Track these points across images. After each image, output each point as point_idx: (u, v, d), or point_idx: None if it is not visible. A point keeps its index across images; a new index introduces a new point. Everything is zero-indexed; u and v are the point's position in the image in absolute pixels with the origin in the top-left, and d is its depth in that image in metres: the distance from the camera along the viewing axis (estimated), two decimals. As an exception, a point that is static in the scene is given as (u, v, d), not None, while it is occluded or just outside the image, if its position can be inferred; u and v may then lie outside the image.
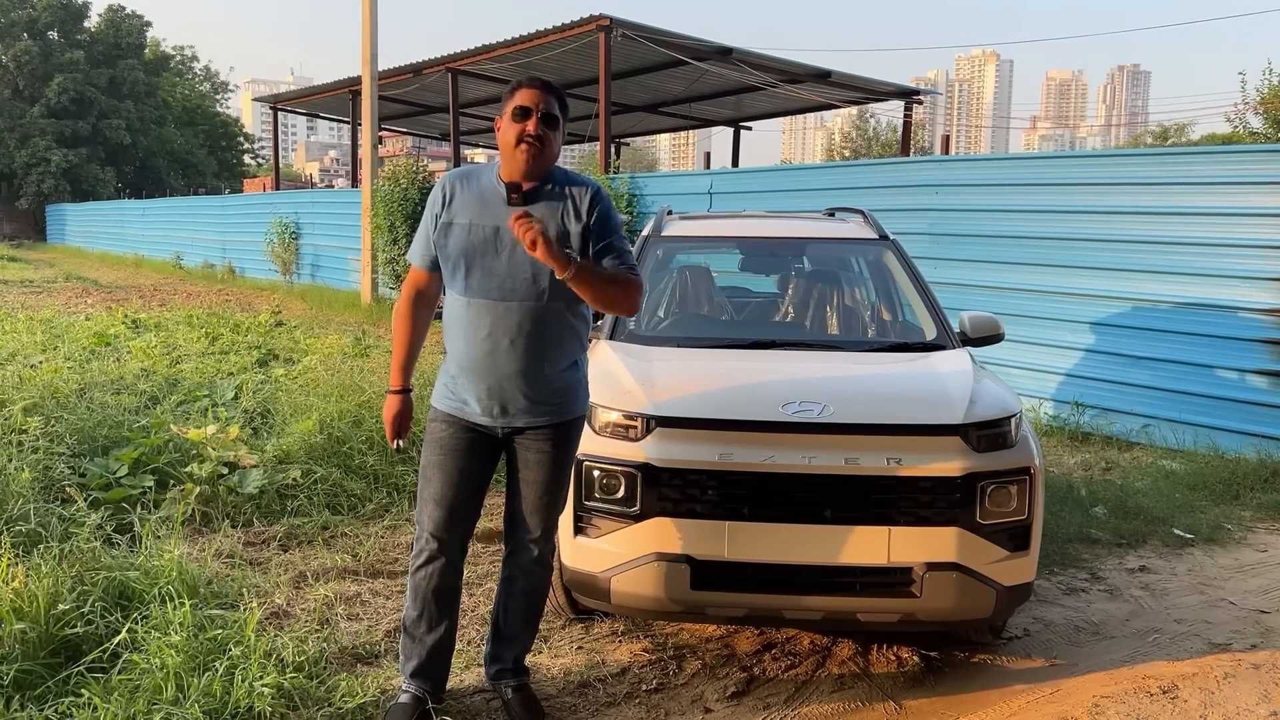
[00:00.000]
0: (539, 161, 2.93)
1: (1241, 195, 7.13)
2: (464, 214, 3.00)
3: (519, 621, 3.31)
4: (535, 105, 2.90)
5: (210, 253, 25.63)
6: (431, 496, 3.09)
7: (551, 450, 3.10)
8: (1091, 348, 8.02)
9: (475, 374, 3.00)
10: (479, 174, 3.08)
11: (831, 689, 3.63)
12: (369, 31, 16.38)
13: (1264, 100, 20.14)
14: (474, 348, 2.99)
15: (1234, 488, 6.28)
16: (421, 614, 3.18)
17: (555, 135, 2.95)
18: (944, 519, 3.38)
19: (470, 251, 2.97)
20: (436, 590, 3.15)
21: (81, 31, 47.81)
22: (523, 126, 2.90)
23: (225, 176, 54.18)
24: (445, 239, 3.01)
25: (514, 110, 2.91)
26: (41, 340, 9.97)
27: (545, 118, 2.91)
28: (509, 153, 2.94)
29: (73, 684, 3.23)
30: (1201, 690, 3.62)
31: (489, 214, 2.97)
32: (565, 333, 3.06)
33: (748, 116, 24.91)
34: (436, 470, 3.08)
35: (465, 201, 3.01)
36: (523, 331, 2.96)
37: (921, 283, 4.86)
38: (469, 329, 2.99)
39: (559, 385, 3.07)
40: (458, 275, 3.01)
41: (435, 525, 3.09)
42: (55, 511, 4.51)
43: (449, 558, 3.14)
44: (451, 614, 3.24)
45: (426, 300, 3.18)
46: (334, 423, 6.00)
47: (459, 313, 3.02)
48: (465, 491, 3.10)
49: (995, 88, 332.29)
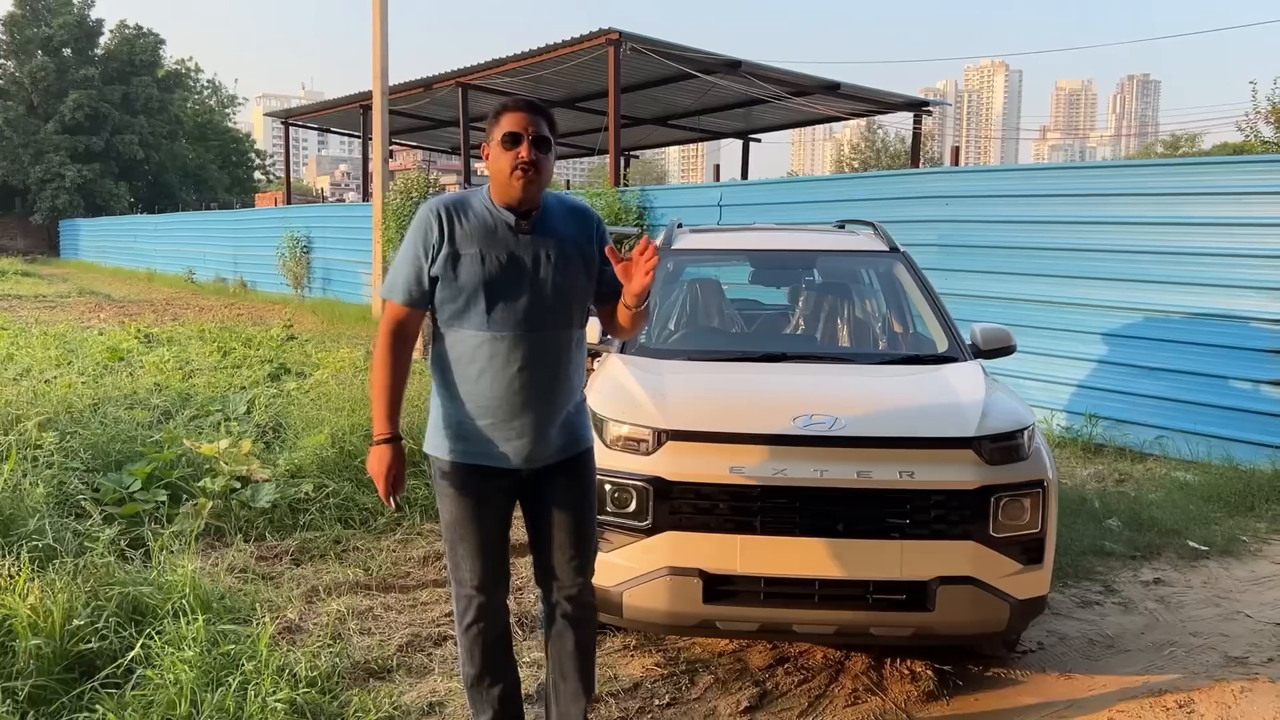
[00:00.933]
0: (535, 188, 2.78)
1: (1254, 205, 7.10)
2: (469, 244, 2.79)
3: (578, 681, 3.03)
4: (525, 130, 2.75)
5: (222, 267, 25.77)
6: (470, 552, 2.88)
7: (577, 483, 2.96)
8: (1104, 359, 7.99)
9: (504, 411, 2.80)
10: (468, 201, 2.88)
11: (845, 703, 3.61)
12: (379, 46, 16.48)
13: (1275, 109, 20.03)
14: (503, 384, 2.79)
15: (1249, 499, 6.24)
16: (482, 671, 2.97)
17: (548, 158, 2.81)
18: (957, 532, 3.36)
19: (490, 283, 2.77)
20: (495, 641, 2.97)
21: (96, 48, 48.23)
22: (516, 154, 2.74)
23: (237, 191, 54.49)
24: (453, 271, 2.79)
25: (503, 137, 2.75)
26: (55, 355, 10.04)
27: (537, 141, 2.75)
28: (503, 180, 2.77)
29: (87, 700, 3.24)
30: (1218, 705, 3.59)
31: (498, 243, 2.80)
32: (579, 361, 2.97)
33: (757, 129, 24.97)
34: (468, 525, 2.87)
35: (468, 232, 2.80)
36: (552, 362, 2.84)
37: (932, 294, 4.86)
38: (498, 365, 2.78)
39: (577, 414, 2.97)
40: (474, 309, 2.79)
41: (479, 579, 2.89)
42: (70, 526, 4.53)
43: (497, 606, 2.96)
44: (510, 656, 3.07)
45: (408, 338, 2.90)
46: (346, 436, 6.02)
47: (479, 350, 2.80)
48: (497, 538, 2.93)
49: (1005, 98, 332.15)
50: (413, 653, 3.91)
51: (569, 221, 2.90)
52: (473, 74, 18.61)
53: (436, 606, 4.40)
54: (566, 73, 17.76)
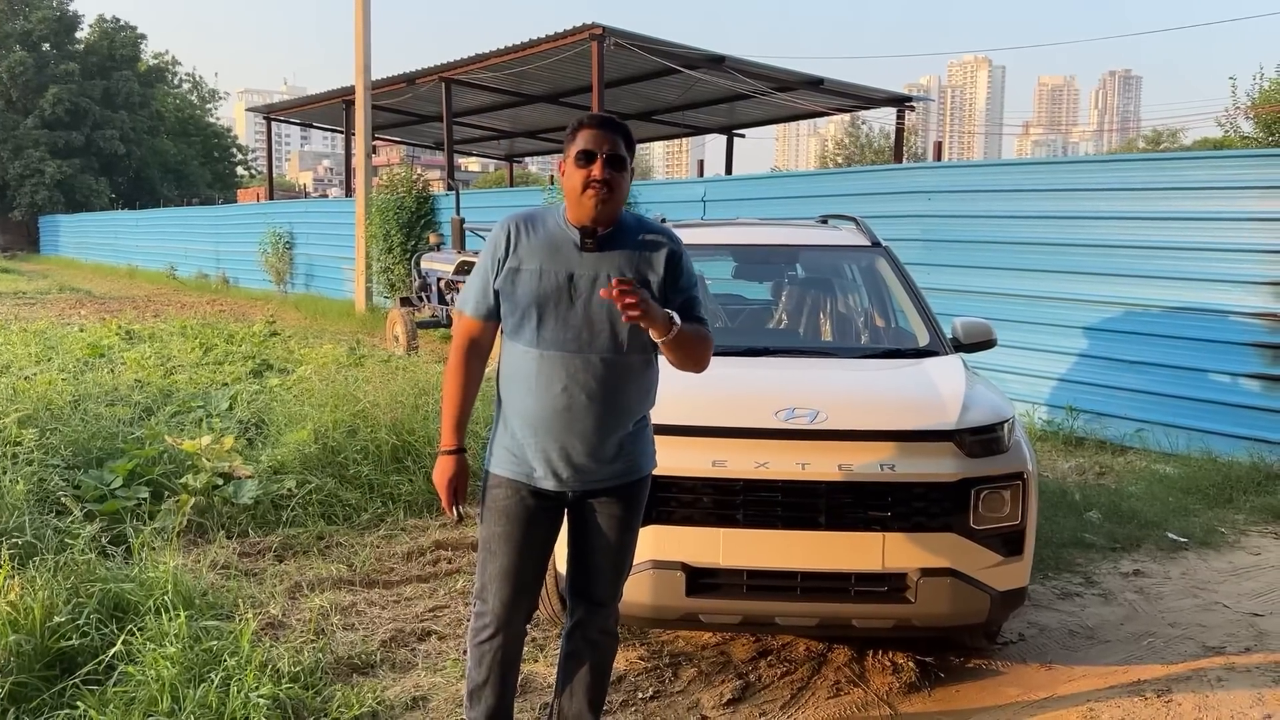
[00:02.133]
0: (608, 207, 2.72)
1: (1233, 200, 7.16)
2: (532, 259, 2.75)
3: (585, 701, 3.00)
4: (599, 148, 2.69)
5: (204, 263, 25.62)
6: (499, 572, 2.83)
7: (622, 513, 2.88)
8: (1085, 353, 8.05)
9: (545, 433, 2.76)
10: (544, 217, 2.85)
11: (827, 695, 3.63)
12: (362, 41, 16.42)
13: (1255, 105, 20.23)
14: (546, 404, 2.74)
15: (1227, 491, 6.30)
16: (486, 681, 2.91)
17: (623, 176, 2.73)
18: (938, 524, 3.39)
19: (543, 299, 2.73)
20: (504, 661, 2.91)
21: (75, 43, 47.83)
22: (588, 172, 2.68)
23: (219, 187, 54.18)
24: (513, 285, 2.76)
25: (577, 155, 2.70)
26: (35, 352, 9.96)
27: (611, 159, 2.69)
28: (575, 198, 2.72)
29: (68, 696, 3.23)
30: (1195, 694, 3.63)
31: (560, 259, 2.75)
32: (640, 387, 2.86)
33: (741, 124, 24.97)
34: (503, 543, 2.82)
35: (533, 246, 2.77)
36: (601, 385, 2.74)
37: (914, 289, 4.88)
38: (541, 383, 2.74)
39: (630, 444, 2.85)
40: (527, 325, 2.76)
41: (503, 603, 2.84)
42: (50, 524, 4.50)
43: (515, 631, 2.91)
44: (514, 677, 2.99)
45: (480, 351, 2.89)
46: (329, 433, 6.00)
47: (528, 366, 2.76)
48: (533, 562, 2.87)
49: (988, 94, 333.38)
50: (396, 648, 3.91)
51: (641, 244, 2.81)
52: (456, 69, 18.54)
53: (420, 602, 4.40)
54: (550, 68, 17.71)
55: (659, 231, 2.87)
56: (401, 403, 6.35)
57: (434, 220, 16.03)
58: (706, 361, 2.85)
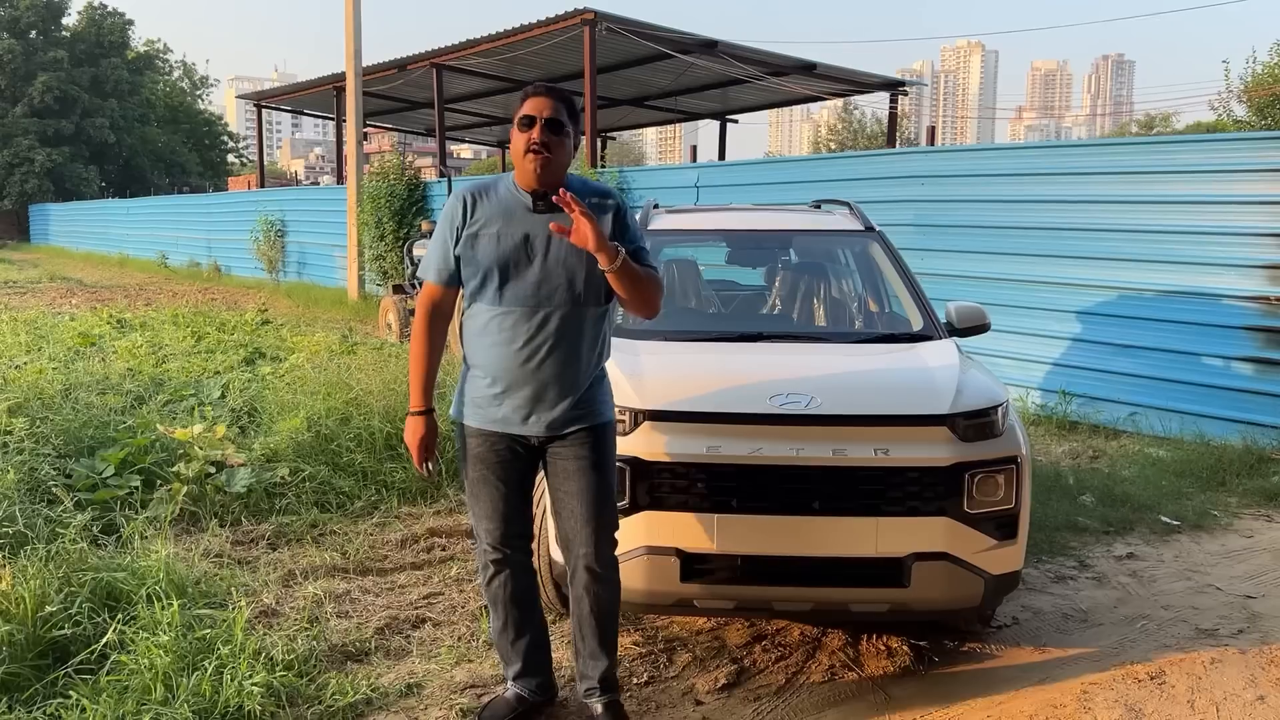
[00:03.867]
0: (548, 170, 2.93)
1: (1227, 183, 7.16)
2: (490, 224, 3.00)
3: (595, 643, 3.21)
4: (540, 113, 2.91)
5: (196, 251, 25.52)
6: (484, 513, 3.11)
7: (590, 454, 3.07)
8: (1078, 337, 8.06)
9: (513, 382, 2.99)
10: (495, 185, 3.09)
11: (822, 679, 3.64)
12: (352, 27, 16.32)
13: (1248, 88, 20.22)
14: (510, 357, 2.98)
15: (1220, 474, 6.32)
16: (506, 622, 3.20)
17: (564, 141, 2.95)
18: (932, 509, 3.38)
19: (503, 260, 2.97)
20: (513, 595, 3.17)
21: (62, 30, 47.47)
22: (529, 135, 2.91)
23: (210, 175, 53.87)
24: (473, 249, 3.00)
25: (520, 120, 2.94)
26: (26, 341, 9.90)
27: (550, 123, 2.91)
28: (519, 161, 2.96)
29: (61, 685, 3.22)
30: (1189, 676, 3.64)
31: (515, 222, 2.98)
32: (597, 338, 3.09)
33: (734, 109, 24.91)
34: (482, 485, 3.09)
35: (488, 212, 3.01)
36: (560, 337, 2.97)
37: (907, 273, 4.87)
38: (505, 338, 2.98)
39: (591, 391, 3.08)
40: (489, 285, 2.99)
41: (494, 537, 3.12)
42: (41, 513, 4.47)
43: (516, 562, 3.16)
44: (536, 613, 3.26)
45: (443, 316, 3.14)
46: (322, 420, 5.98)
47: (490, 323, 3.01)
48: (514, 499, 3.12)
49: (980, 78, 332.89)
50: (391, 635, 3.91)
51: (588, 204, 2.93)
52: (447, 54, 18.45)
53: (414, 589, 4.39)
54: (542, 53, 17.63)
55: (603, 192, 3.10)
56: (394, 390, 6.33)
57: (426, 207, 15.97)
58: (657, 303, 3.06)
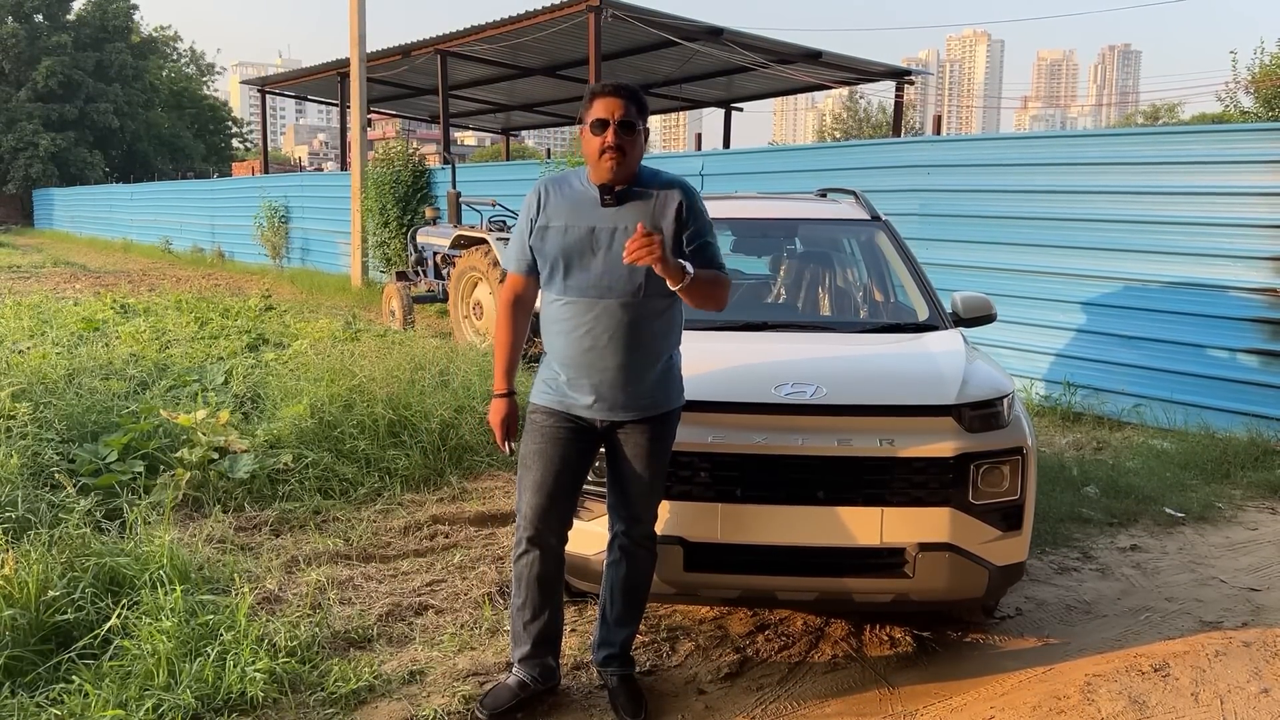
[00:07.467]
0: (622, 169, 3.02)
1: (1233, 174, 7.12)
2: (559, 217, 3.10)
3: (625, 605, 3.31)
4: (611, 115, 2.99)
5: (199, 237, 25.49)
6: (531, 484, 3.14)
7: (648, 444, 3.15)
8: (1083, 328, 8.03)
9: (577, 370, 3.09)
10: (570, 179, 3.18)
11: (824, 669, 3.63)
12: (357, 13, 16.26)
13: (1255, 79, 20.10)
14: (573, 345, 3.09)
15: (1225, 466, 6.30)
16: (525, 601, 3.23)
17: (635, 139, 3.02)
18: (937, 499, 3.37)
19: (568, 252, 3.07)
20: (539, 577, 3.20)
21: (67, 14, 47.37)
22: (602, 139, 2.99)
23: (213, 160, 53.84)
24: (543, 241, 3.11)
25: (592, 124, 3.01)
26: (29, 325, 9.90)
27: (622, 125, 2.99)
28: (593, 162, 3.04)
29: (64, 670, 3.23)
30: (1193, 668, 3.64)
31: (583, 215, 3.08)
32: (661, 328, 3.14)
33: (739, 97, 24.82)
34: (537, 458, 3.14)
35: (559, 205, 3.11)
36: (620, 327, 3.05)
37: (913, 263, 4.85)
38: (568, 327, 3.09)
39: (655, 380, 3.15)
40: (556, 275, 3.11)
41: (534, 512, 3.14)
42: (44, 498, 4.48)
43: (549, 545, 3.18)
44: (555, 600, 3.27)
45: (524, 304, 3.27)
46: (325, 407, 5.97)
47: (558, 312, 3.12)
48: (565, 479, 3.15)
49: (986, 68, 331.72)
50: (393, 622, 3.91)
51: (656, 196, 3.09)
52: (452, 41, 18.37)
53: (417, 576, 4.39)
54: (546, 40, 17.56)
55: (672, 183, 3.15)
56: (398, 377, 6.32)
57: (430, 194, 15.93)
58: (725, 301, 3.13)
